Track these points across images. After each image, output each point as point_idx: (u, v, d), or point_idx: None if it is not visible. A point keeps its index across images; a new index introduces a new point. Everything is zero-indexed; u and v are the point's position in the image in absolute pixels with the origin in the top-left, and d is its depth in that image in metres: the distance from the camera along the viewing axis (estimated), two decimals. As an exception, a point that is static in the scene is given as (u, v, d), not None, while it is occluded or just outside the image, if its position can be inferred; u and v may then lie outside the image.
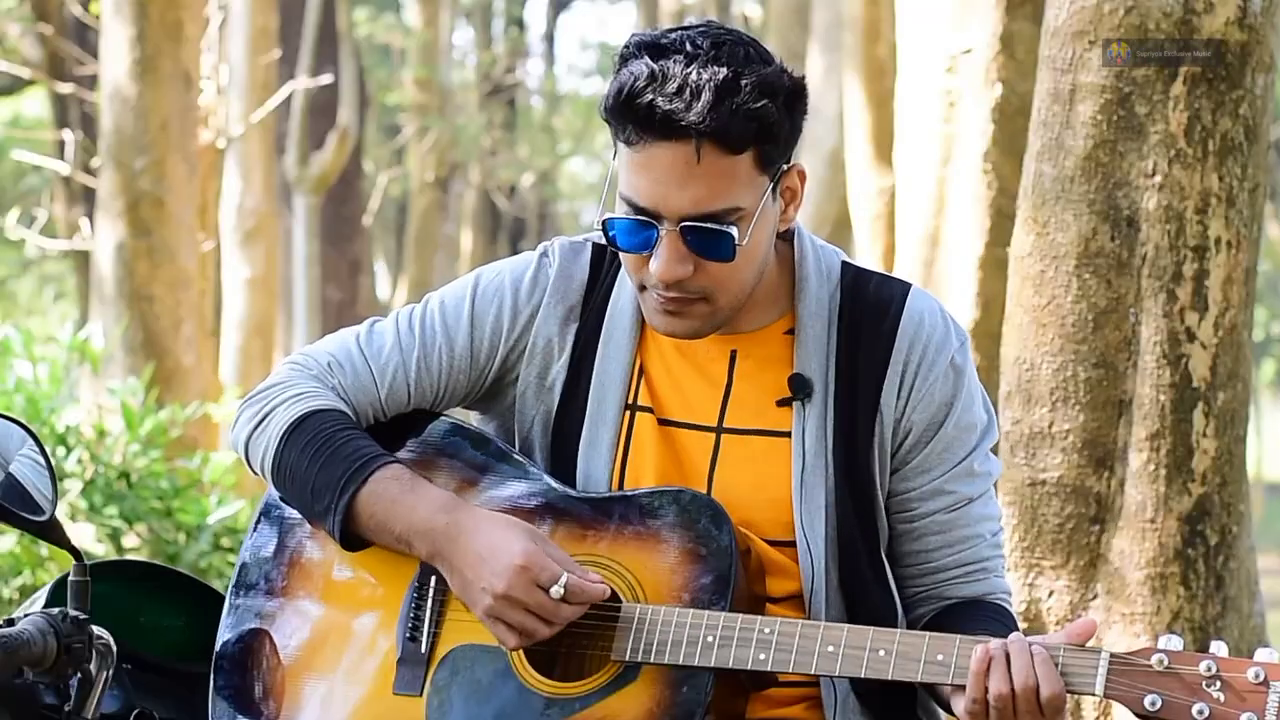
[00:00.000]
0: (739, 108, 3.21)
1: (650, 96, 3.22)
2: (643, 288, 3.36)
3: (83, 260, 18.03)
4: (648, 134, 3.24)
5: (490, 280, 3.53)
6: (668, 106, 3.21)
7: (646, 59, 3.24)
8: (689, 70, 3.21)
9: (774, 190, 3.32)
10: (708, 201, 3.25)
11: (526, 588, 3.24)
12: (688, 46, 3.24)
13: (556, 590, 3.24)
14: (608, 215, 3.33)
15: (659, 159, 3.24)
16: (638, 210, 3.28)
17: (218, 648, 3.49)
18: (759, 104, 3.22)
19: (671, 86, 3.21)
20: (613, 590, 3.30)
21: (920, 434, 3.42)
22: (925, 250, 8.06)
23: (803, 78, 3.33)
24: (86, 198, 18.15)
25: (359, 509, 3.37)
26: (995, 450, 3.53)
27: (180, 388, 10.40)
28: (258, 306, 15.74)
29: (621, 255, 3.38)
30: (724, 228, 3.26)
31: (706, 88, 3.20)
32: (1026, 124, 5.08)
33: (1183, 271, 4.76)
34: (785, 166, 3.34)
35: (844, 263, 3.50)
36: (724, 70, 3.22)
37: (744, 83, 3.22)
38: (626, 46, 3.31)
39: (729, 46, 3.25)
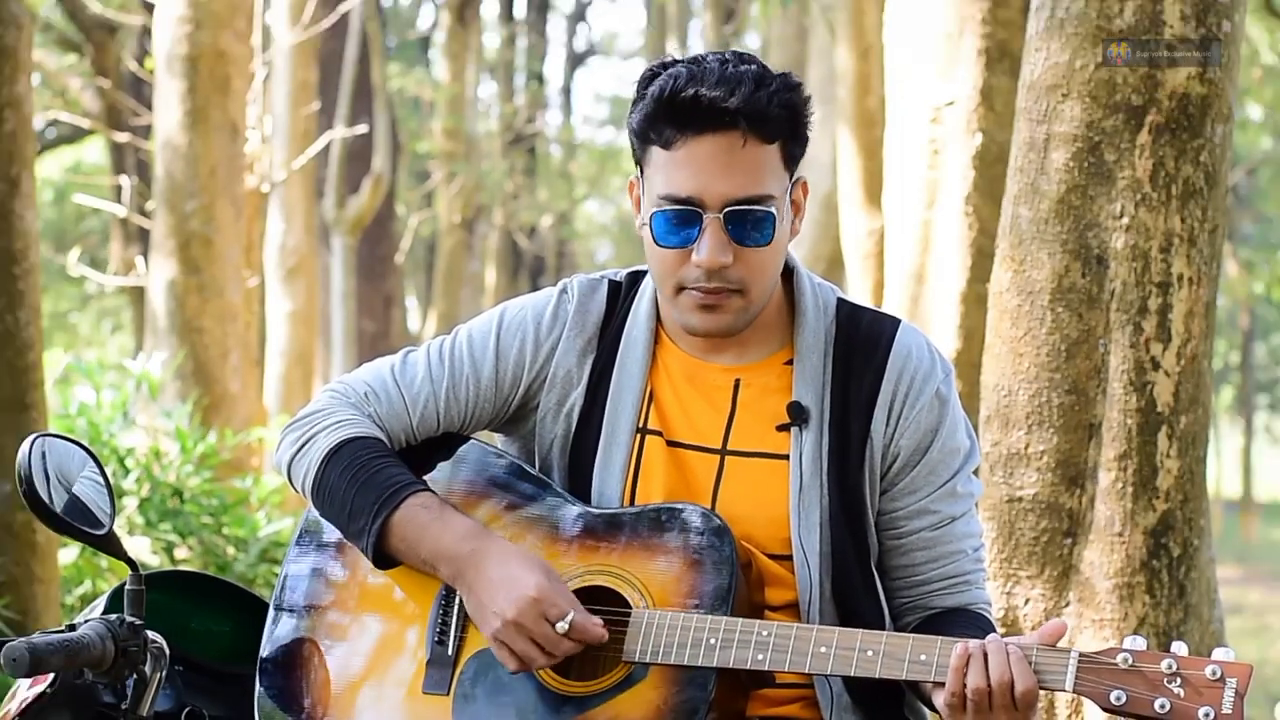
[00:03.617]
0: (774, 95, 3.25)
1: (694, 89, 3.24)
2: (679, 290, 3.36)
3: (138, 295, 18.06)
4: (690, 127, 3.25)
5: (514, 316, 3.54)
6: (712, 94, 3.23)
7: (680, 65, 3.28)
8: (724, 66, 3.26)
9: (789, 195, 3.35)
10: (748, 186, 3.27)
11: (535, 619, 3.25)
12: (714, 55, 3.29)
13: (562, 626, 3.24)
14: (653, 210, 3.32)
15: (701, 150, 3.26)
16: (679, 203, 3.29)
17: (262, 651, 3.50)
18: (789, 94, 3.27)
19: (712, 78, 3.24)
20: (623, 597, 3.31)
21: (907, 458, 3.42)
22: (912, 286, 8.07)
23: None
24: (141, 238, 18.19)
25: (390, 532, 3.38)
26: (976, 473, 3.53)
27: (228, 412, 10.42)
28: (298, 338, 15.76)
29: (659, 258, 3.36)
30: (766, 208, 3.28)
31: (745, 78, 3.24)
32: (1005, 170, 5.08)
33: (1148, 306, 4.76)
34: (796, 177, 3.37)
35: (839, 299, 3.51)
36: (754, 67, 3.27)
37: (773, 78, 3.27)
38: (650, 69, 3.34)
39: (748, 57, 3.30)
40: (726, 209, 3.27)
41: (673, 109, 3.26)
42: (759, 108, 3.24)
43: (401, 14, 36.72)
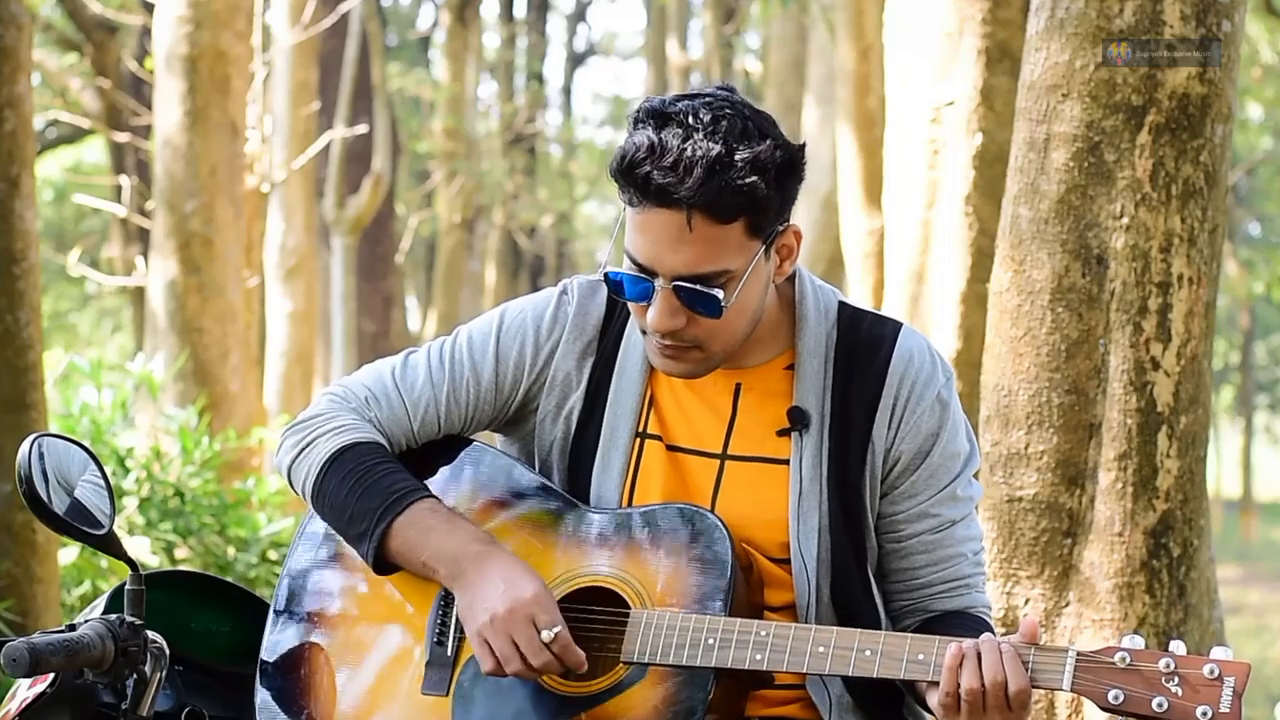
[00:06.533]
0: (728, 184, 3.20)
1: (648, 168, 3.21)
2: (645, 332, 3.37)
3: (138, 295, 18.07)
4: (646, 199, 3.24)
5: (514, 318, 3.54)
6: (662, 180, 3.20)
7: (649, 129, 3.24)
8: (685, 145, 3.20)
9: (767, 250, 3.32)
10: (698, 264, 3.25)
11: (523, 620, 3.25)
12: (689, 119, 3.22)
13: (547, 634, 3.24)
14: (610, 269, 3.34)
15: (655, 222, 3.24)
16: (637, 265, 3.29)
17: (262, 651, 3.51)
18: (748, 180, 3.21)
19: (667, 160, 3.20)
20: (622, 597, 3.31)
21: (908, 462, 3.43)
22: (912, 286, 8.07)
23: (800, 147, 3.31)
24: (141, 238, 18.19)
25: (391, 537, 3.38)
26: (977, 475, 3.54)
27: (228, 412, 10.42)
28: (299, 338, 15.75)
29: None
30: (711, 290, 3.26)
31: (699, 164, 3.19)
32: (1005, 170, 5.08)
33: (1148, 306, 4.76)
34: (780, 228, 3.34)
35: (841, 302, 3.50)
36: (718, 147, 3.20)
37: (737, 159, 3.20)
38: (638, 111, 3.30)
39: (728, 121, 3.23)
40: (675, 282, 3.27)
41: (629, 179, 3.25)
42: (708, 198, 3.20)
43: (401, 14, 36.73)
